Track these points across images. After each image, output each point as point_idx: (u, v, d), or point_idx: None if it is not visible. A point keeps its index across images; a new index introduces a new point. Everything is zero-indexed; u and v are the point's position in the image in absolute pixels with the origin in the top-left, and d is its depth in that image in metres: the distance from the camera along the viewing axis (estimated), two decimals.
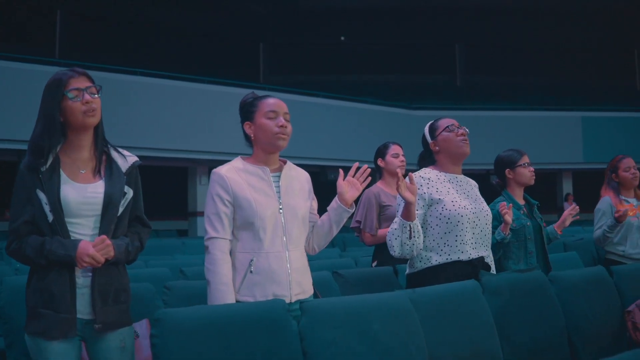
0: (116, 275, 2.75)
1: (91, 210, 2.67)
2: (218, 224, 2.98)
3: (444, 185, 3.58)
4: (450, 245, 3.48)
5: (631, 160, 5.35)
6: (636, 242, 5.23)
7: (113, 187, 2.72)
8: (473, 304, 3.28)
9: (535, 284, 3.67)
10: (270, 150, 3.10)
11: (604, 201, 5.32)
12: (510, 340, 3.33)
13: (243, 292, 2.95)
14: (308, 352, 2.64)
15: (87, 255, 2.55)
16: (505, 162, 4.52)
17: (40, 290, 2.61)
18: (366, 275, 4.43)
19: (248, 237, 2.99)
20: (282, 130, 3.05)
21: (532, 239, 4.35)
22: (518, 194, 4.49)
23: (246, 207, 2.97)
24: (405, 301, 3.00)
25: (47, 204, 2.59)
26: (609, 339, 3.81)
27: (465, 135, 3.64)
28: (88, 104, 2.66)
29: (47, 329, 2.58)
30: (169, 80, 15.13)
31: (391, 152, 4.87)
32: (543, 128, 19.45)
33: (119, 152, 2.84)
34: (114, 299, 2.71)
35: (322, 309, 2.77)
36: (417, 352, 2.87)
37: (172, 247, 9.87)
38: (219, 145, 15.34)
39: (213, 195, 3.01)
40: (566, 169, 20.73)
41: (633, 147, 16.11)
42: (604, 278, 4.05)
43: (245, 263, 2.97)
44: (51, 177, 2.62)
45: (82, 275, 2.66)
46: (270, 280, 2.96)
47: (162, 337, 2.40)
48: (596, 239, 5.27)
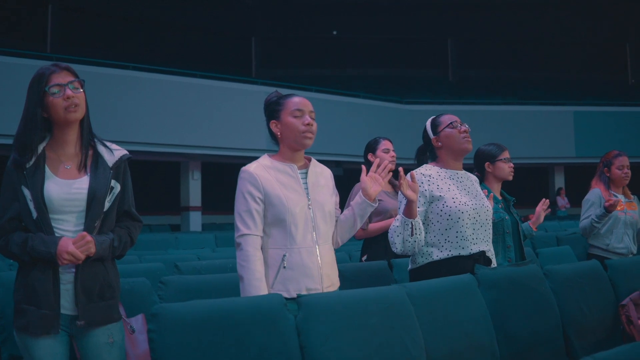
0: (101, 272, 2.72)
1: (75, 207, 2.65)
2: (250, 221, 3.02)
3: (445, 182, 3.60)
4: (451, 241, 3.51)
5: (626, 158, 5.36)
6: (621, 237, 5.25)
7: (97, 183, 2.69)
8: (469, 297, 3.29)
9: (531, 278, 3.68)
10: (296, 148, 3.14)
11: (593, 192, 5.33)
12: (505, 333, 3.34)
13: (277, 287, 2.99)
14: (305, 346, 2.64)
15: (67, 252, 2.53)
16: (485, 155, 4.53)
17: (24, 286, 2.61)
18: (362, 269, 4.43)
19: (279, 233, 3.04)
20: (309, 128, 3.10)
21: (510, 233, 4.35)
22: (496, 188, 4.50)
23: (277, 204, 3.02)
24: (402, 295, 3.01)
25: (31, 201, 2.59)
26: (603, 333, 3.83)
27: (468, 132, 3.66)
28: (69, 99, 2.63)
29: (30, 325, 2.58)
30: (161, 74, 15.09)
31: (382, 147, 4.86)
32: (535, 122, 19.50)
33: (106, 146, 2.81)
34: (99, 295, 2.69)
35: (319, 303, 2.77)
36: (414, 346, 2.88)
37: (166, 242, 9.88)
38: (212, 140, 15.34)
39: (244, 193, 3.04)
40: (558, 164, 20.80)
41: (625, 141, 16.22)
42: (599, 272, 4.07)
43: (277, 259, 3.02)
44: (35, 173, 2.61)
45: (65, 271, 2.64)
46: (303, 274, 3.02)
47: (160, 332, 2.39)
48: (582, 228, 5.28)
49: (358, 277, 4.30)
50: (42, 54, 15.14)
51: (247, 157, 16.21)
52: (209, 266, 5.06)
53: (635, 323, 3.81)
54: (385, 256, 4.55)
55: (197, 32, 21.69)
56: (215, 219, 19.20)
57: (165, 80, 15.04)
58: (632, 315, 3.84)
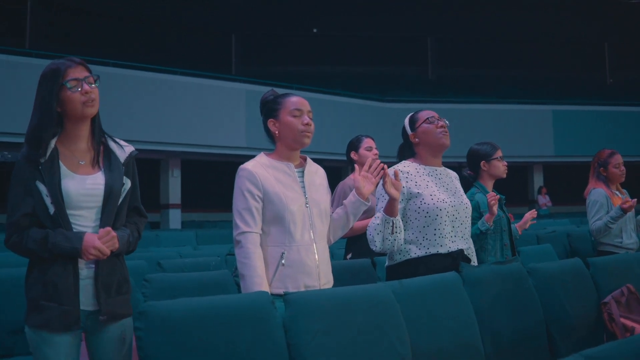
0: (118, 266, 2.74)
1: (92, 202, 2.64)
2: (250, 219, 3.03)
3: (423, 179, 3.59)
4: (429, 239, 3.50)
5: (620, 156, 5.42)
6: (630, 233, 5.33)
7: (113, 178, 2.70)
8: (454, 295, 3.31)
9: (514, 276, 3.70)
10: (294, 147, 3.16)
11: (598, 193, 5.33)
12: (490, 331, 3.36)
13: (275, 285, 3.01)
14: (292, 343, 2.65)
15: (94, 248, 2.52)
16: (480, 154, 4.57)
17: (42, 283, 2.57)
18: (345, 267, 4.44)
19: (278, 231, 3.05)
20: (307, 128, 3.12)
21: (507, 231, 4.40)
22: (489, 186, 4.55)
23: (277, 202, 3.04)
24: (388, 293, 3.02)
25: (48, 196, 2.56)
26: (586, 330, 3.85)
27: (446, 127, 3.66)
28: (87, 94, 2.63)
29: (50, 322, 2.55)
30: (141, 71, 15.02)
31: (364, 145, 4.87)
32: (515, 121, 19.63)
33: (117, 142, 2.83)
34: (116, 289, 2.70)
35: (306, 300, 2.78)
36: (400, 344, 2.90)
37: (147, 239, 9.81)
38: (191, 137, 15.30)
39: (243, 191, 3.05)
40: (537, 162, 20.93)
41: (603, 140, 16.29)
42: (581, 270, 4.10)
43: (276, 256, 3.04)
44: (51, 168, 2.58)
45: (85, 266, 2.63)
46: (302, 271, 3.05)
47: (148, 331, 2.38)
48: (596, 230, 5.26)
49: (342, 275, 4.29)
50: (20, 50, 14.99)
51: (226, 155, 16.30)
52: (192, 264, 5.07)
53: (617, 321, 3.84)
54: (370, 254, 4.56)
55: (176, 28, 21.61)
56: (194, 216, 19.16)
57: (144, 77, 14.98)
58: (614, 313, 3.87)
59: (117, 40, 19.70)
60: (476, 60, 24.67)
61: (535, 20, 22.30)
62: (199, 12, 21.29)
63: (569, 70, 24.95)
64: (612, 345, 2.11)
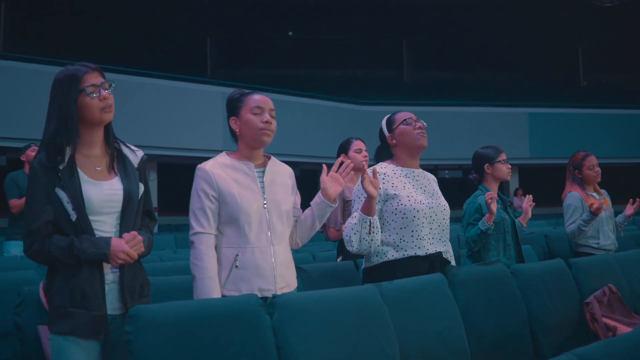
0: (140, 270, 2.77)
1: (112, 207, 2.65)
2: (203, 219, 2.99)
3: (400, 180, 3.59)
4: (406, 241, 3.49)
5: (594, 158, 5.45)
6: (607, 234, 5.36)
7: (130, 184, 2.72)
8: (440, 297, 3.33)
9: (498, 277, 3.74)
10: (254, 146, 3.12)
11: (573, 196, 5.37)
12: (475, 331, 3.39)
13: (229, 287, 2.96)
14: (282, 346, 2.65)
15: (122, 252, 2.54)
16: (484, 157, 4.65)
17: (69, 290, 2.56)
18: (328, 269, 4.44)
19: (233, 232, 3.01)
20: (267, 126, 3.08)
21: (510, 232, 4.46)
22: (494, 189, 4.62)
23: (231, 203, 2.99)
24: (376, 295, 3.03)
25: (69, 203, 2.55)
26: (568, 330, 3.90)
27: (423, 129, 3.66)
28: (105, 100, 2.65)
29: (79, 327, 2.55)
30: (115, 74, 14.85)
31: (354, 147, 4.86)
32: (490, 123, 19.74)
33: (129, 147, 2.85)
34: (139, 292, 2.72)
35: (295, 303, 2.79)
36: (388, 345, 2.91)
37: None
38: (168, 141, 15.24)
39: (198, 191, 3.02)
40: (513, 164, 20.95)
41: (578, 142, 16.45)
42: (563, 271, 4.15)
43: (230, 258, 2.99)
44: (71, 175, 2.58)
45: (110, 271, 2.64)
46: (256, 274, 2.98)
47: (138, 334, 2.38)
48: (570, 233, 5.31)
49: (324, 278, 4.31)
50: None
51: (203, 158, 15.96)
52: (174, 267, 5.03)
53: (599, 320, 3.88)
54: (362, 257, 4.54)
55: (152, 32, 21.46)
56: (172, 220, 19.02)
57: (119, 80, 14.75)
58: (597, 313, 3.91)
59: (90, 43, 19.51)
60: (451, 63, 24.79)
61: (510, 23, 22.46)
62: (175, 15, 21.19)
63: (544, 73, 25.16)
64: (602, 344, 2.13)
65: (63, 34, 19.63)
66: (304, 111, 17.60)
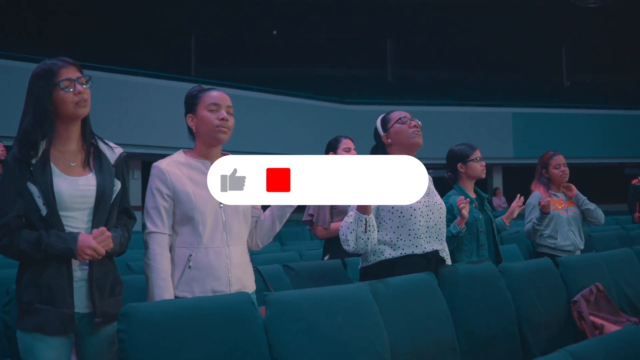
0: (111, 268, 2.73)
1: (84, 203, 2.63)
2: (157, 219, 2.92)
3: None
4: (403, 240, 3.45)
5: (561, 157, 5.46)
6: (566, 235, 5.35)
7: (104, 180, 2.69)
8: (430, 295, 3.34)
9: (486, 275, 3.75)
10: (211, 144, 3.05)
11: (534, 195, 5.43)
12: (465, 330, 3.40)
13: (181, 288, 2.89)
14: (273, 344, 2.66)
15: (89, 248, 2.51)
16: (457, 156, 4.60)
17: (37, 286, 2.54)
18: (316, 268, 4.45)
19: (187, 231, 2.93)
20: (223, 123, 3.00)
21: (484, 232, 4.42)
22: (469, 187, 4.59)
23: (185, 201, 2.91)
24: (366, 293, 3.04)
25: (40, 197, 2.53)
26: (556, 329, 3.92)
27: (418, 127, 3.66)
28: (80, 94, 2.63)
29: (46, 324, 2.52)
30: (99, 72, 14.79)
31: (343, 146, 4.83)
32: (474, 123, 19.79)
33: (106, 144, 2.83)
34: (110, 291, 2.69)
35: (286, 301, 2.80)
36: (379, 343, 2.92)
37: None
38: (151, 139, 15.16)
39: (152, 189, 2.95)
40: (496, 164, 21.14)
41: (562, 142, 16.60)
42: (551, 270, 4.17)
43: (184, 258, 2.91)
44: (43, 169, 2.56)
45: (79, 268, 2.61)
46: (210, 275, 2.91)
47: (130, 332, 2.38)
48: (527, 231, 5.37)
49: (312, 276, 4.32)
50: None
51: None
52: None
53: (586, 319, 3.91)
54: (347, 256, 4.54)
55: (135, 29, 21.36)
56: None
57: (103, 77, 14.76)
58: (584, 311, 3.94)
59: (73, 40, 19.36)
60: (436, 63, 24.84)
61: (494, 23, 22.56)
62: (158, 13, 21.11)
63: (528, 73, 25.25)
64: (594, 342, 2.15)
65: (42, 31, 19.47)
66: (288, 110, 17.57)
